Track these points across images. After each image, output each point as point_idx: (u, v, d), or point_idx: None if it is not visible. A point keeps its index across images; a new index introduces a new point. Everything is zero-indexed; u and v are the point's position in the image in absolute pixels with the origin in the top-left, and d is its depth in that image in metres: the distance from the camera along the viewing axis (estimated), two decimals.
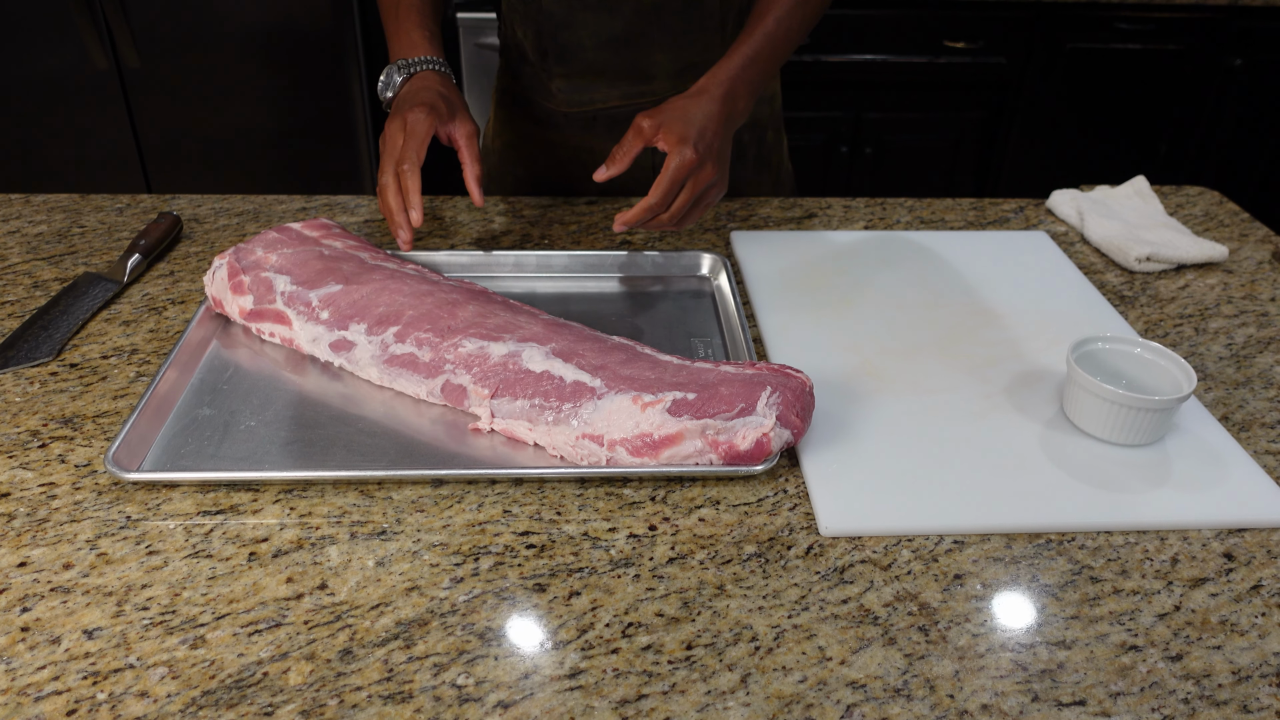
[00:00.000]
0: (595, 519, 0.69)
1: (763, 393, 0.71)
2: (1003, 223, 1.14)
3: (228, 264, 0.87)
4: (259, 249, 0.88)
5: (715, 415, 0.70)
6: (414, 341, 0.79)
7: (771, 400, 0.71)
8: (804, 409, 0.72)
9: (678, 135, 0.86)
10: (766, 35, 0.95)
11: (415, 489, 0.71)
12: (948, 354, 0.87)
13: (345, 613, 0.61)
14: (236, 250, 0.88)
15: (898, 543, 0.67)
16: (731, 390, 0.71)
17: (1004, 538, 0.68)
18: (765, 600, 0.63)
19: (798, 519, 0.69)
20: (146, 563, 0.64)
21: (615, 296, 0.97)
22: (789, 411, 0.71)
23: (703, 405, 0.71)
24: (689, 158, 0.86)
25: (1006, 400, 0.81)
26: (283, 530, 0.67)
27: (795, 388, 0.72)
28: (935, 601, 0.63)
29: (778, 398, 0.71)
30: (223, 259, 0.88)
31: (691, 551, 0.66)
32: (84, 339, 0.86)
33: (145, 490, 0.70)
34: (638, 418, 0.71)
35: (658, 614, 0.61)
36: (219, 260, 0.88)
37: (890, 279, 0.98)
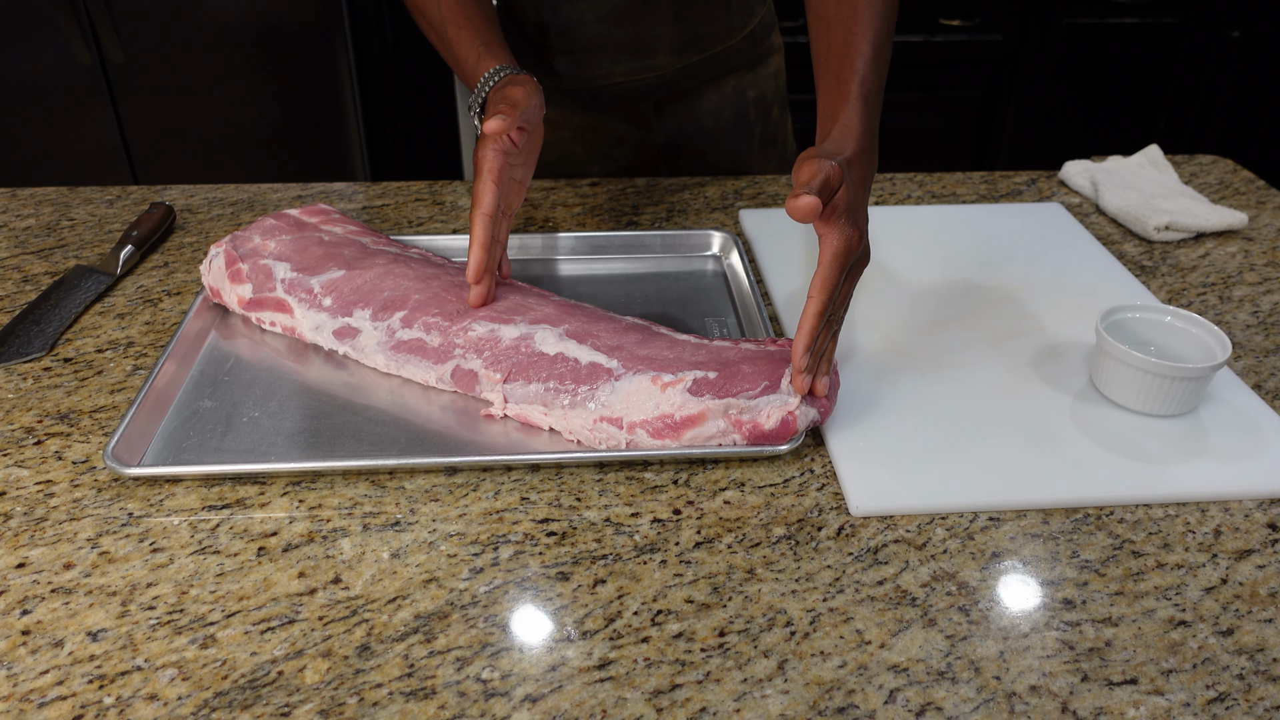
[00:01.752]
0: (617, 504, 0.66)
1: (786, 369, 0.68)
2: (1015, 195, 1.11)
3: (224, 252, 0.84)
4: (256, 236, 0.85)
5: (738, 394, 0.68)
6: (421, 326, 0.76)
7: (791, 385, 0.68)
8: (830, 385, 0.70)
9: (846, 207, 0.65)
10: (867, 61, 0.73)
11: (428, 478, 0.68)
12: (970, 328, 0.84)
13: (361, 607, 0.58)
14: (233, 238, 0.85)
15: (931, 521, 0.65)
16: (754, 368, 0.69)
17: (1040, 513, 0.66)
18: (798, 584, 0.60)
19: (826, 499, 0.67)
20: (151, 560, 0.61)
21: (625, 278, 0.94)
22: (814, 397, 0.68)
23: (725, 384, 0.68)
24: (854, 241, 0.65)
25: (1034, 373, 0.78)
26: (292, 524, 0.64)
27: None
28: (974, 581, 0.61)
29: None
30: (219, 247, 0.85)
31: (718, 535, 0.64)
32: (77, 333, 0.83)
33: (147, 486, 0.67)
34: (657, 398, 0.68)
35: (687, 600, 0.59)
36: (215, 249, 0.85)
37: (904, 254, 0.96)
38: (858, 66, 0.72)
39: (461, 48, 0.85)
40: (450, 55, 0.87)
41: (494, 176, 0.76)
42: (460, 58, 0.85)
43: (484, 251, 0.76)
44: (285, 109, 2.05)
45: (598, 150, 1.12)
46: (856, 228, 0.66)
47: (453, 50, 0.86)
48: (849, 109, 0.70)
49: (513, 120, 0.75)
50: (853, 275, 0.69)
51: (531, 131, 0.80)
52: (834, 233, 0.65)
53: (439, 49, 0.90)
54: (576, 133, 1.12)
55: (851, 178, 0.66)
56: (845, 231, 0.65)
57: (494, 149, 0.76)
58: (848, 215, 0.65)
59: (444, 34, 0.86)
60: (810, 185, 0.62)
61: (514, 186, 0.81)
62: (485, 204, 0.76)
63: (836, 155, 0.66)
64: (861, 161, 0.69)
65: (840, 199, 0.65)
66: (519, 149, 0.79)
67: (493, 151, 0.76)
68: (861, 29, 0.73)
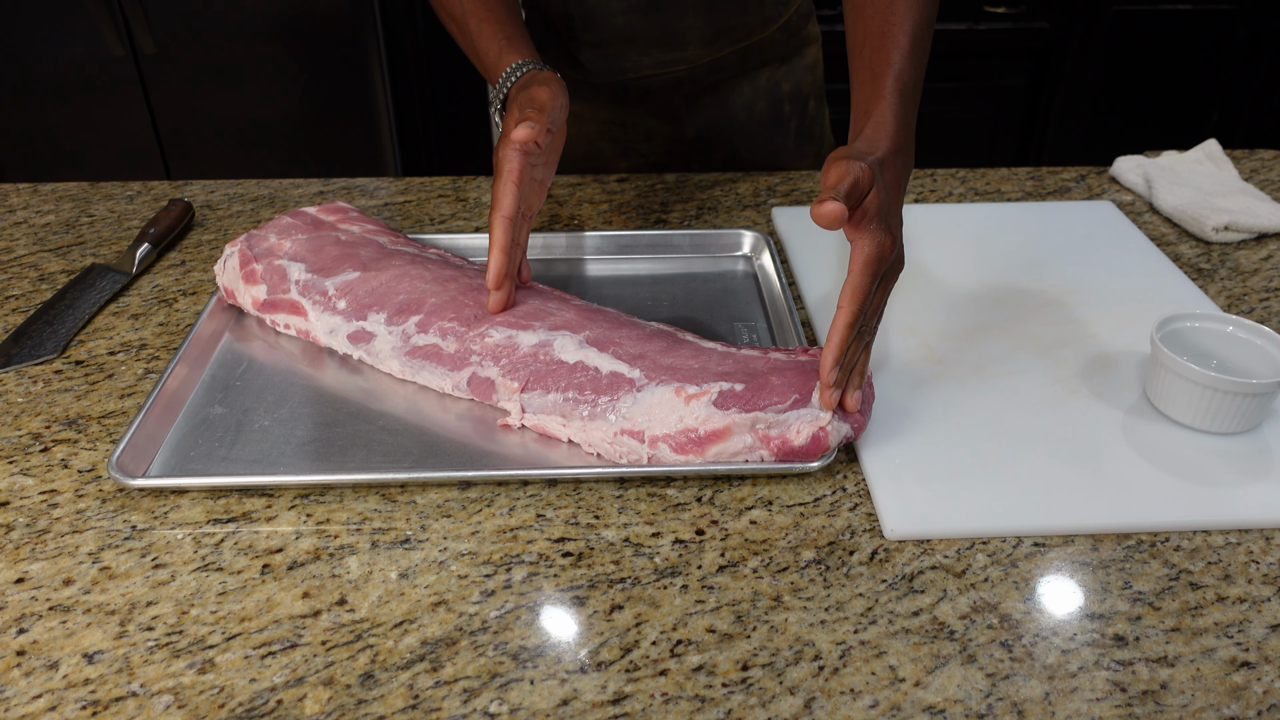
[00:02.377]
0: (637, 523, 0.63)
1: (818, 382, 0.65)
2: (1063, 193, 1.06)
3: (239, 252, 0.82)
4: (272, 235, 0.83)
5: (766, 408, 0.64)
6: (437, 331, 0.73)
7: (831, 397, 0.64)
8: (863, 399, 0.66)
9: (877, 210, 0.61)
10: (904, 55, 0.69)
11: (441, 492, 0.65)
12: (1014, 335, 0.80)
13: (366, 631, 0.55)
14: (249, 237, 0.83)
15: (971, 546, 0.61)
16: (783, 380, 0.65)
17: (1089, 539, 0.62)
18: (827, 613, 0.57)
19: (859, 520, 0.63)
20: (152, 577, 0.59)
21: (651, 279, 0.91)
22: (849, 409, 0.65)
23: (752, 397, 0.64)
24: (887, 247, 0.61)
25: (1082, 385, 0.74)
26: (299, 539, 0.61)
27: None
28: (1017, 613, 0.57)
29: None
30: (234, 246, 0.82)
31: (743, 558, 0.60)
32: (91, 334, 0.82)
33: (152, 497, 0.65)
34: (681, 411, 0.65)
35: (709, 630, 0.56)
36: (230, 248, 0.82)
37: (945, 255, 0.91)
38: (894, 59, 0.68)
39: (483, 41, 0.82)
40: (471, 48, 0.84)
41: (515, 179, 0.73)
42: (481, 51, 0.82)
43: (504, 256, 0.73)
44: (316, 100, 2.03)
45: (625, 145, 1.09)
46: (889, 232, 0.62)
47: (474, 43, 0.83)
48: (883, 105, 0.66)
49: (540, 128, 0.72)
50: (886, 283, 0.65)
51: (555, 132, 0.77)
52: (865, 239, 0.61)
53: (459, 41, 0.87)
54: (603, 128, 1.08)
55: (884, 179, 0.62)
56: (877, 237, 0.61)
57: (516, 150, 0.73)
58: (879, 219, 0.61)
59: (465, 26, 0.83)
60: (838, 190, 0.58)
61: (535, 187, 0.78)
62: (505, 207, 0.73)
63: (868, 155, 0.62)
64: (895, 161, 0.64)
65: (871, 202, 0.61)
66: (542, 150, 0.75)
67: (515, 153, 0.73)
68: (899, 19, 0.69)
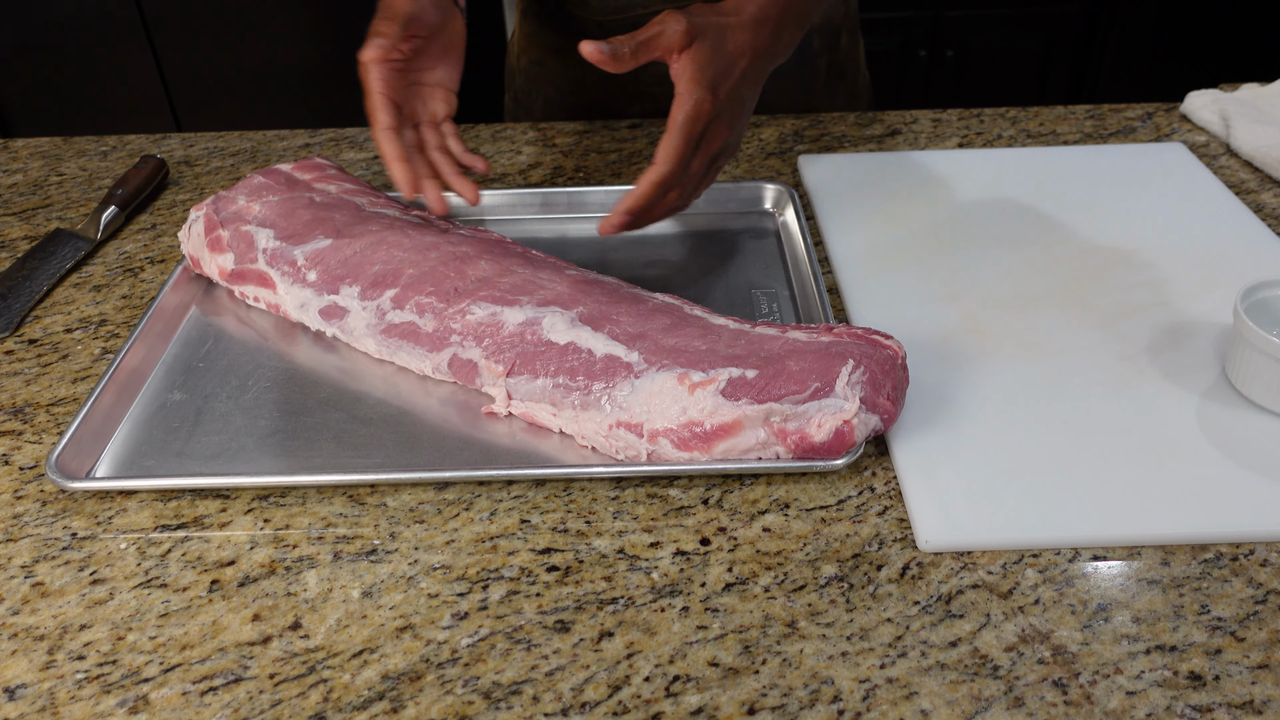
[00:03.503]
0: (633, 530, 0.55)
1: (843, 368, 0.56)
2: (1128, 134, 0.94)
3: (204, 216, 0.74)
4: (241, 197, 0.75)
5: (782, 398, 0.56)
6: (414, 307, 0.65)
7: (855, 378, 0.56)
8: (895, 387, 0.57)
9: (697, 70, 0.63)
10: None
11: (415, 493, 0.58)
12: (1072, 304, 0.70)
13: (320, 663, 0.49)
14: (216, 200, 0.75)
15: (1020, 559, 0.53)
16: (803, 365, 0.57)
17: (1159, 551, 0.53)
18: (850, 643, 0.49)
19: (889, 527, 0.55)
20: (89, 595, 0.53)
21: (660, 240, 0.82)
22: (876, 392, 0.56)
23: (766, 385, 0.56)
24: (705, 106, 0.63)
25: (1151, 363, 0.64)
26: (253, 550, 0.55)
27: (884, 360, 0.57)
28: (1073, 644, 0.48)
29: (862, 374, 0.56)
30: (199, 210, 0.75)
31: (754, 574, 0.52)
32: (48, 309, 0.75)
33: (96, 500, 0.58)
34: (684, 401, 0.57)
35: (711, 663, 0.48)
36: (195, 212, 0.75)
37: (994, 209, 0.81)
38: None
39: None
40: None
41: (380, 92, 0.71)
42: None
43: (403, 164, 0.71)
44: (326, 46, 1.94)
45: (635, 89, 0.99)
46: (711, 94, 0.63)
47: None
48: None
49: (389, 42, 0.70)
50: (705, 149, 0.65)
51: (429, 35, 0.74)
52: (681, 96, 0.63)
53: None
54: None
55: (725, 44, 0.64)
56: (695, 95, 0.63)
57: (375, 69, 0.71)
58: (700, 76, 0.62)
59: None
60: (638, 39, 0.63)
61: (432, 92, 0.76)
62: (381, 120, 0.71)
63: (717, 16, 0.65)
64: (756, 33, 0.64)
65: (695, 58, 0.62)
66: (411, 56, 0.73)
67: (370, 72, 0.71)
68: None
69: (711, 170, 0.69)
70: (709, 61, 0.63)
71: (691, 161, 0.65)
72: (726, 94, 0.64)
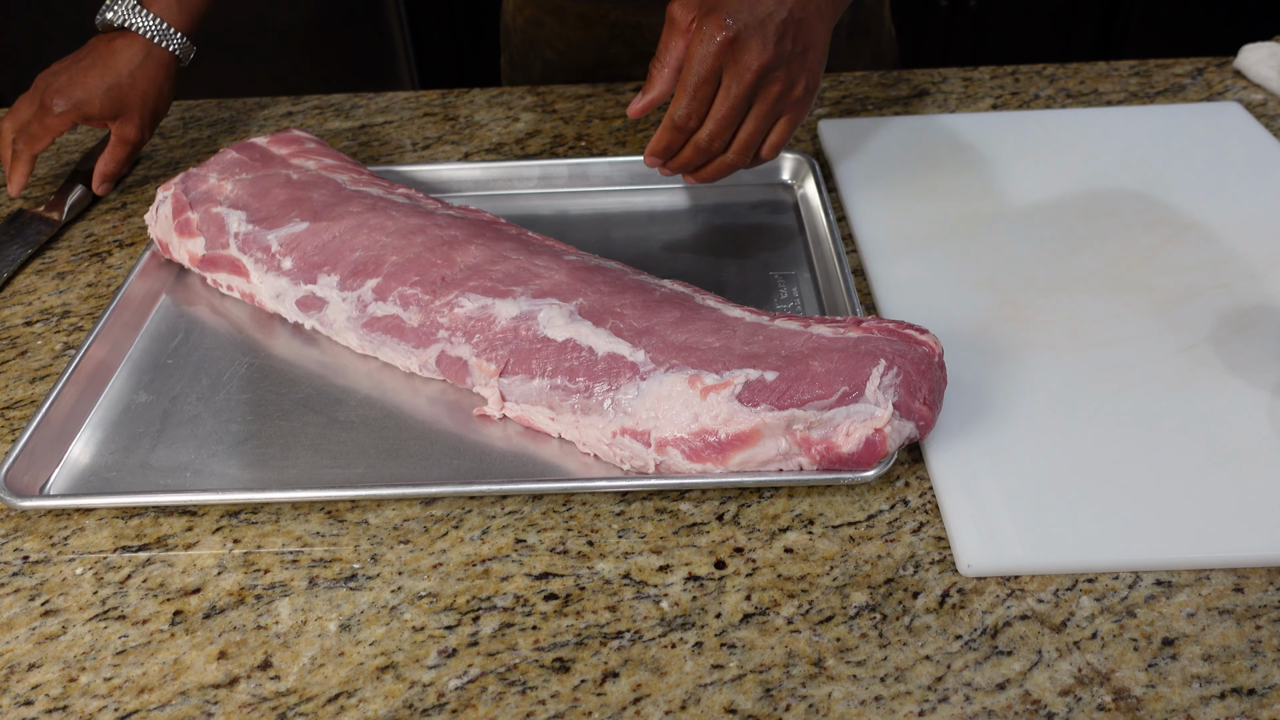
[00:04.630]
0: (640, 551, 0.50)
1: (874, 369, 0.50)
2: (1176, 92, 0.87)
3: (172, 197, 0.68)
4: (213, 175, 0.69)
5: (806, 404, 0.50)
6: (398, 299, 0.59)
7: (887, 380, 0.50)
8: (932, 390, 0.51)
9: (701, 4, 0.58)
10: None
11: (400, 509, 0.52)
12: (1123, 286, 0.63)
13: (292, 709, 0.44)
14: (185, 178, 0.69)
15: (1073, 585, 0.47)
16: (829, 366, 0.51)
17: (1231, 575, 0.47)
18: (884, 685, 0.43)
19: (925, 547, 0.49)
20: (40, 629, 0.48)
21: (669, 215, 0.75)
22: (912, 396, 0.50)
23: (788, 389, 0.50)
24: (713, 31, 0.57)
25: (1214, 355, 0.58)
26: (220, 575, 0.50)
27: (919, 360, 0.51)
28: (1137, 686, 0.43)
29: (895, 375, 0.50)
30: (166, 190, 0.69)
31: (775, 603, 0.47)
32: (8, 299, 0.69)
33: (51, 518, 0.53)
34: (696, 407, 0.51)
35: (728, 709, 0.43)
36: (162, 192, 0.69)
37: (1033, 179, 0.74)
38: None
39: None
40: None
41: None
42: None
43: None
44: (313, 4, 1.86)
45: (641, 50, 0.92)
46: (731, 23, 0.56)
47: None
48: None
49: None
50: (766, 96, 0.59)
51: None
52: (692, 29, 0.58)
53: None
54: (615, 30, 0.91)
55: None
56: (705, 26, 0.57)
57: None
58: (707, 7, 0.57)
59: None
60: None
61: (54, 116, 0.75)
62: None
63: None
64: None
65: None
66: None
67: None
68: None
69: (775, 113, 0.61)
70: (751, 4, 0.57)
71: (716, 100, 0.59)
72: (749, 19, 0.57)
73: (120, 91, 0.74)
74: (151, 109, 0.76)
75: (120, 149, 0.76)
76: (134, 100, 0.75)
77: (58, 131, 0.74)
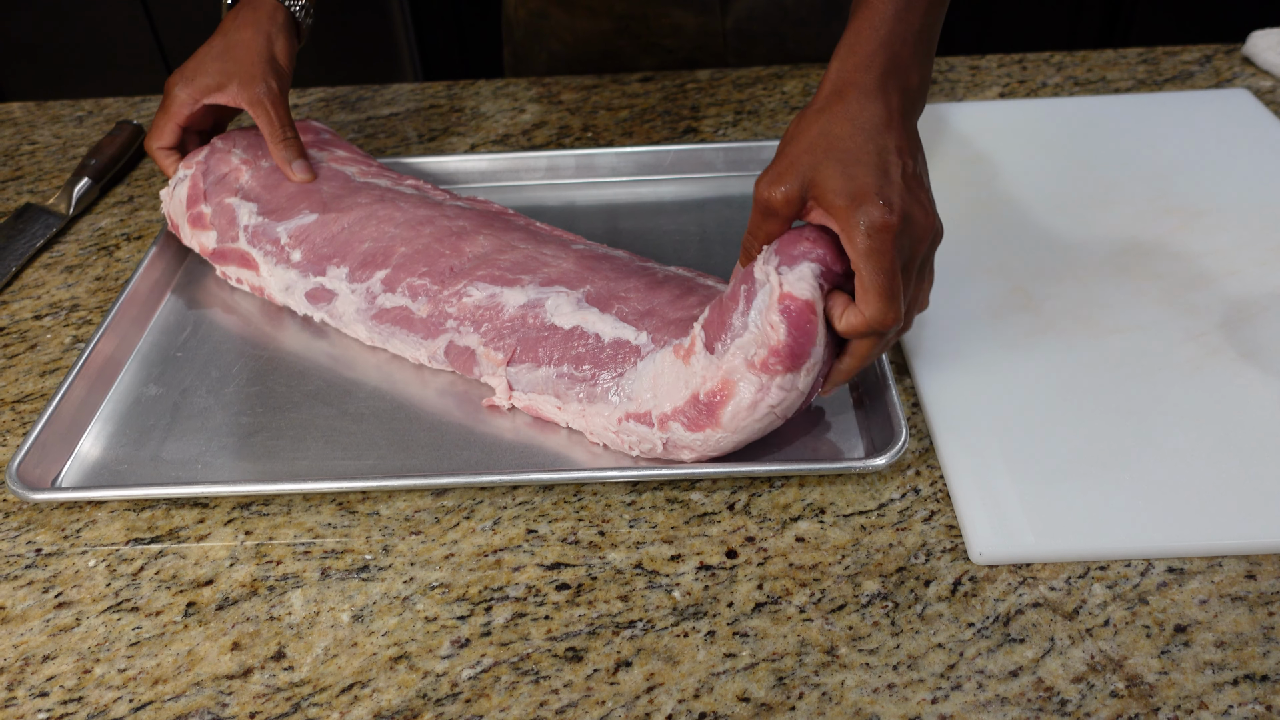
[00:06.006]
0: (652, 541, 0.50)
1: (757, 259, 0.50)
2: (1184, 79, 0.87)
3: (191, 181, 0.67)
4: (237, 154, 0.67)
5: (730, 323, 0.49)
6: (406, 290, 0.59)
7: (767, 254, 0.49)
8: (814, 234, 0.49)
9: (843, 189, 0.46)
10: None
11: (410, 500, 0.53)
12: (1133, 273, 0.63)
13: (306, 699, 0.44)
14: (210, 155, 0.67)
15: (1085, 573, 0.47)
16: (733, 282, 0.51)
17: (1244, 562, 0.47)
18: (896, 673, 0.43)
19: (937, 536, 0.49)
20: (54, 621, 0.48)
21: (678, 205, 0.75)
22: (791, 246, 0.48)
23: (720, 318, 0.50)
24: (884, 221, 0.45)
25: (1226, 342, 0.58)
26: (233, 567, 0.50)
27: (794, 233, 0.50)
28: (1150, 673, 0.43)
29: (772, 249, 0.49)
30: (187, 169, 0.68)
31: (788, 592, 0.47)
32: (16, 293, 0.70)
33: (63, 510, 0.53)
34: (684, 375, 0.51)
35: (741, 697, 0.43)
36: (184, 169, 0.68)
37: (1043, 167, 0.74)
38: None
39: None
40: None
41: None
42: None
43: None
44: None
45: (648, 42, 0.91)
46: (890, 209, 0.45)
47: None
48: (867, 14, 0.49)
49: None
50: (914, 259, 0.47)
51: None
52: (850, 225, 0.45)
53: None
54: (621, 23, 0.90)
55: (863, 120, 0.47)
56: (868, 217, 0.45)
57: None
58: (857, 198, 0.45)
59: None
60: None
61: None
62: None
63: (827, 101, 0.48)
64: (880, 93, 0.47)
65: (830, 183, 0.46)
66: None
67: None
68: None
69: (927, 269, 0.50)
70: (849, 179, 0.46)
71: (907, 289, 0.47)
72: (898, 194, 0.46)
73: (229, 52, 0.67)
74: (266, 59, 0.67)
75: (258, 112, 0.66)
76: (244, 57, 0.67)
77: (181, 117, 0.67)
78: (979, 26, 2.01)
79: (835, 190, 0.46)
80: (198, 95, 0.67)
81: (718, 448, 0.51)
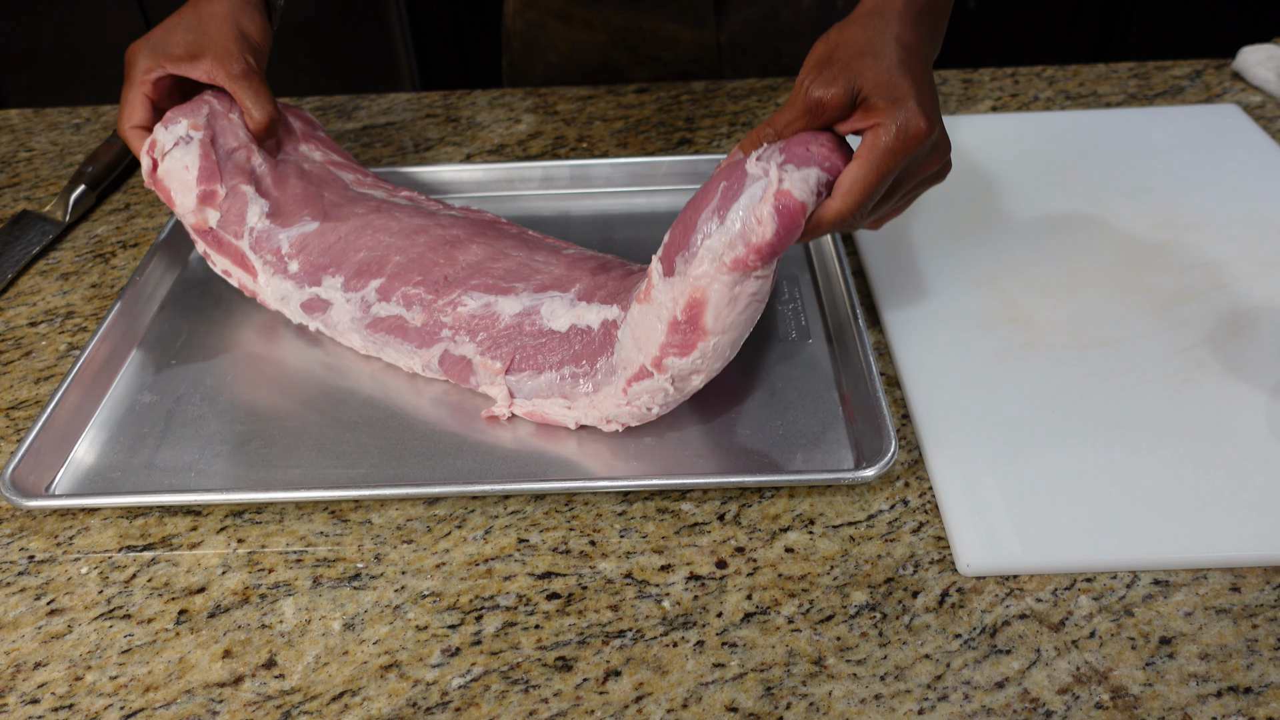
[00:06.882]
0: (642, 550, 0.50)
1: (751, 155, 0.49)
2: (1175, 94, 0.87)
3: (201, 150, 0.62)
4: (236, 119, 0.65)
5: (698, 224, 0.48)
6: (400, 299, 0.60)
7: (764, 153, 0.48)
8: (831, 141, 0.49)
9: (888, 90, 0.48)
10: None
11: (403, 509, 0.53)
12: (1122, 286, 0.64)
13: (296, 708, 0.44)
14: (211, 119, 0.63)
15: (1072, 585, 0.47)
16: (709, 186, 0.50)
17: (1228, 574, 0.48)
18: (884, 684, 0.44)
19: (925, 547, 0.50)
20: (46, 628, 0.48)
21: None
22: (802, 146, 0.48)
23: (684, 231, 0.49)
24: (916, 127, 0.47)
25: (1212, 355, 0.58)
26: (225, 575, 0.50)
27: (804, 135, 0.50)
28: (1135, 685, 0.43)
29: (768, 149, 0.49)
30: (196, 129, 0.63)
31: (776, 602, 0.47)
32: (12, 299, 0.70)
33: (56, 517, 0.53)
34: (653, 311, 0.50)
35: (729, 707, 0.43)
36: (186, 126, 0.62)
37: (1030, 180, 0.75)
38: None
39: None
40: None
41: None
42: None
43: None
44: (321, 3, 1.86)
45: (644, 54, 0.92)
46: (927, 119, 0.47)
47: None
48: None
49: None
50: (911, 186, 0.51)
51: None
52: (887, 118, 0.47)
53: None
54: (616, 36, 0.91)
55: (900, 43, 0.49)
56: (905, 117, 0.47)
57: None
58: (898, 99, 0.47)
59: None
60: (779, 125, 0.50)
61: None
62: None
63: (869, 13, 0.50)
64: (917, 24, 0.50)
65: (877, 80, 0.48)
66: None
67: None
68: None
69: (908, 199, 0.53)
70: (893, 79, 0.48)
71: (893, 192, 0.50)
72: (933, 108, 0.48)
73: (201, 24, 0.63)
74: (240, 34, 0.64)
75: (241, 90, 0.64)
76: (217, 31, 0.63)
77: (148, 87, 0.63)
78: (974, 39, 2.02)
79: (884, 93, 0.48)
80: (165, 63, 0.62)
81: (719, 355, 0.51)
